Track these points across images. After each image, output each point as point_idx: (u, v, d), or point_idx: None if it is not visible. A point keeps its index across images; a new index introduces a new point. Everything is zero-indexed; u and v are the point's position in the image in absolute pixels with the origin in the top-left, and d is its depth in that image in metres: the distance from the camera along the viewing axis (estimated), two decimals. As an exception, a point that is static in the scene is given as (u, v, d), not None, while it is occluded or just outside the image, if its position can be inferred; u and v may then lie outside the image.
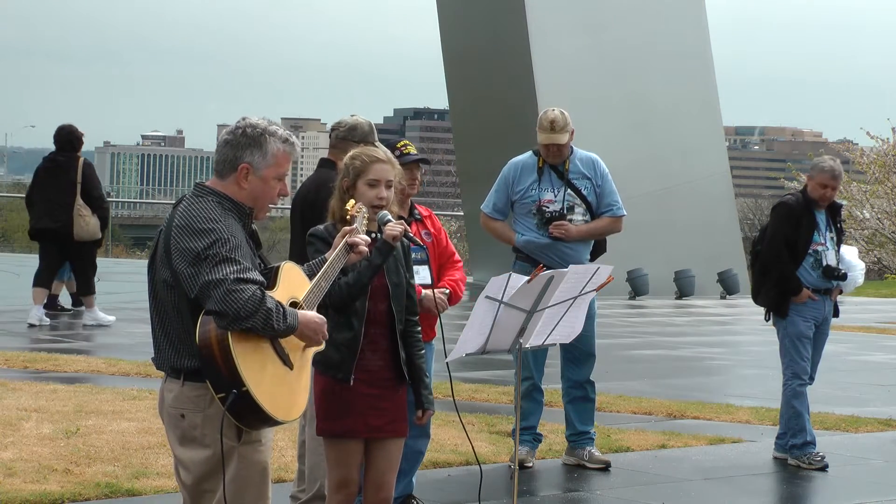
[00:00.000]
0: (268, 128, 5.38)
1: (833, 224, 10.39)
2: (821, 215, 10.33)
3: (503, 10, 26.45)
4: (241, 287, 5.07)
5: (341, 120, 7.97)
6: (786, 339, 10.38)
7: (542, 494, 9.16)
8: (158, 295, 5.30)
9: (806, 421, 10.28)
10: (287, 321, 5.17)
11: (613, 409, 12.09)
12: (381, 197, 6.32)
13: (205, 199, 5.30)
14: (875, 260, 39.11)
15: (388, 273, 6.30)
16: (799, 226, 10.24)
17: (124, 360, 13.59)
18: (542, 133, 9.59)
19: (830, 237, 10.33)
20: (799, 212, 10.27)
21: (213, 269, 5.11)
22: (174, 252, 5.20)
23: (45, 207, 16.55)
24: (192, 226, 5.20)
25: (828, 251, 10.27)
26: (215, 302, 5.07)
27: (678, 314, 23.09)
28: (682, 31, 27.37)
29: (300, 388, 5.32)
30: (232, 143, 5.37)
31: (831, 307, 10.48)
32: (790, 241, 10.25)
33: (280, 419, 5.18)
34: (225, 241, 5.16)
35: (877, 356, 17.76)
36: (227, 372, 5.06)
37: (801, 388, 10.31)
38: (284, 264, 5.42)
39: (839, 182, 10.31)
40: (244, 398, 5.07)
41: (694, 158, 27.18)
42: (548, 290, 6.96)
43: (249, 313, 5.06)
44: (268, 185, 5.38)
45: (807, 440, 10.27)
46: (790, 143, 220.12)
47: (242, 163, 5.34)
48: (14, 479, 8.45)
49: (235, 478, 5.28)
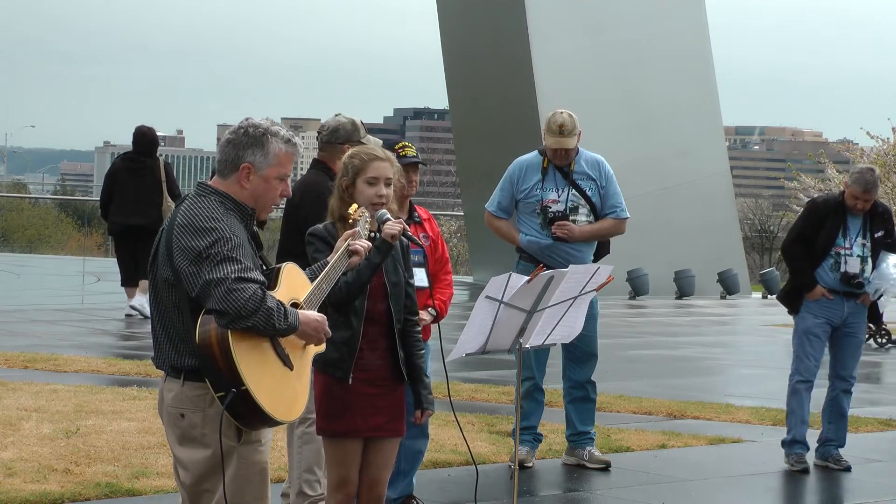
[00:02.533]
0: (270, 128, 5.39)
1: (871, 231, 10.10)
2: (855, 220, 10.08)
3: (503, 11, 26.46)
4: (242, 286, 5.08)
5: (325, 122, 7.94)
6: (795, 335, 10.31)
7: (542, 494, 9.16)
8: (159, 294, 5.30)
9: (798, 420, 10.16)
10: (288, 320, 5.17)
11: (613, 409, 12.09)
12: (381, 195, 6.31)
13: (207, 199, 5.31)
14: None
15: (387, 272, 6.30)
16: (822, 226, 10.06)
17: (124, 360, 13.60)
18: (551, 137, 9.59)
19: (862, 243, 10.06)
20: (824, 212, 10.09)
21: (214, 268, 5.11)
22: (176, 251, 5.20)
23: (135, 206, 17.13)
24: (193, 224, 5.20)
25: (851, 257, 10.04)
26: (216, 301, 5.07)
27: (678, 314, 23.10)
28: (682, 31, 27.39)
29: (300, 388, 5.32)
30: (234, 142, 5.37)
31: (857, 308, 10.19)
32: (809, 239, 10.13)
33: (279, 419, 5.18)
34: (227, 239, 5.16)
35: (877, 356, 17.77)
36: (227, 371, 5.06)
37: (799, 385, 10.22)
38: (286, 265, 5.42)
39: (872, 195, 9.96)
40: (243, 397, 5.07)
41: (694, 158, 27.20)
42: (548, 289, 6.96)
43: (250, 312, 5.06)
44: (269, 185, 5.38)
45: (795, 438, 10.19)
46: (790, 143, 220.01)
47: (244, 162, 5.34)
48: (14, 479, 8.45)
49: (235, 478, 5.28)
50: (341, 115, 7.93)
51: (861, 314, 10.25)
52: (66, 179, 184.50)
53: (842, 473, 10.13)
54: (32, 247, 40.19)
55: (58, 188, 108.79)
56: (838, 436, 10.31)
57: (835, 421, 10.30)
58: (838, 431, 10.30)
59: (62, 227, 44.91)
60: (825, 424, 10.35)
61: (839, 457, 10.24)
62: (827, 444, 10.31)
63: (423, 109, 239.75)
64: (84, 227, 40.08)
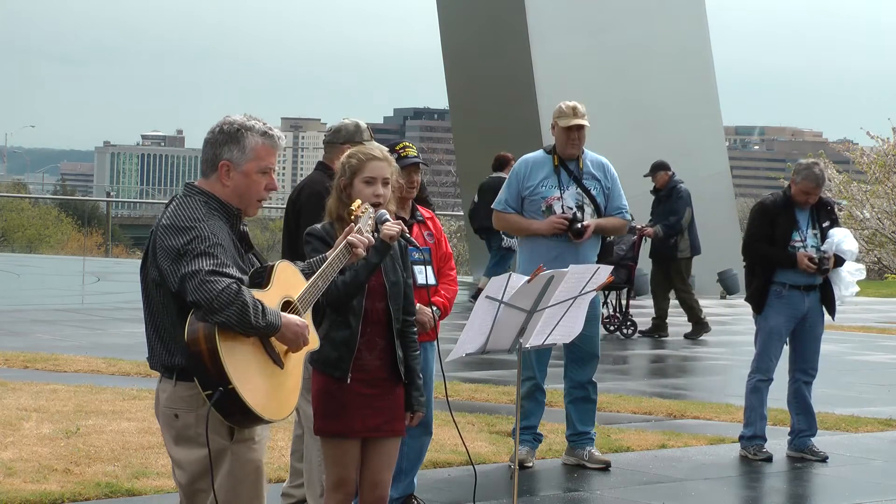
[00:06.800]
0: (245, 123, 5.39)
1: (819, 222, 10.40)
2: (803, 214, 10.38)
3: (503, 10, 26.43)
4: (215, 279, 5.07)
5: (332, 125, 8.11)
6: (760, 333, 10.56)
7: (542, 494, 9.16)
8: (150, 294, 5.32)
9: (758, 416, 10.44)
10: (267, 318, 5.13)
11: (613, 409, 12.09)
12: (378, 194, 6.31)
13: (192, 199, 5.33)
14: (875, 260, 39.07)
15: (386, 272, 6.30)
16: (775, 224, 10.31)
17: (124, 360, 13.59)
18: (565, 119, 9.65)
19: (813, 233, 10.35)
20: (775, 211, 10.35)
21: (190, 262, 5.12)
22: (159, 251, 5.24)
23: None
24: (175, 224, 5.23)
25: (806, 249, 10.28)
26: (190, 292, 5.08)
27: (678, 314, 23.08)
28: (682, 31, 27.35)
29: (291, 387, 5.30)
30: (211, 141, 5.39)
31: (816, 303, 10.46)
32: (767, 240, 10.33)
33: (268, 418, 5.16)
34: (204, 237, 5.17)
35: (877, 356, 17.76)
36: (214, 369, 5.05)
37: (760, 383, 10.48)
38: (279, 263, 5.40)
39: (822, 188, 10.36)
40: (230, 395, 5.05)
41: (694, 158, 27.14)
42: (548, 289, 6.95)
43: (223, 305, 5.03)
44: (250, 180, 5.37)
45: (755, 433, 10.44)
46: (790, 143, 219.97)
47: (222, 160, 5.35)
48: (14, 479, 8.45)
49: (229, 476, 5.28)
50: (347, 119, 8.01)
51: (816, 307, 10.49)
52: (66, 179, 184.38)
53: (842, 473, 10.14)
54: (32, 247, 40.21)
55: (58, 188, 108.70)
56: (810, 425, 10.56)
57: (802, 412, 10.55)
58: (809, 421, 10.55)
59: (62, 227, 44.95)
60: (794, 416, 10.59)
61: (815, 447, 10.49)
62: (800, 435, 10.56)
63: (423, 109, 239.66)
64: (84, 227, 40.10)
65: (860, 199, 39.12)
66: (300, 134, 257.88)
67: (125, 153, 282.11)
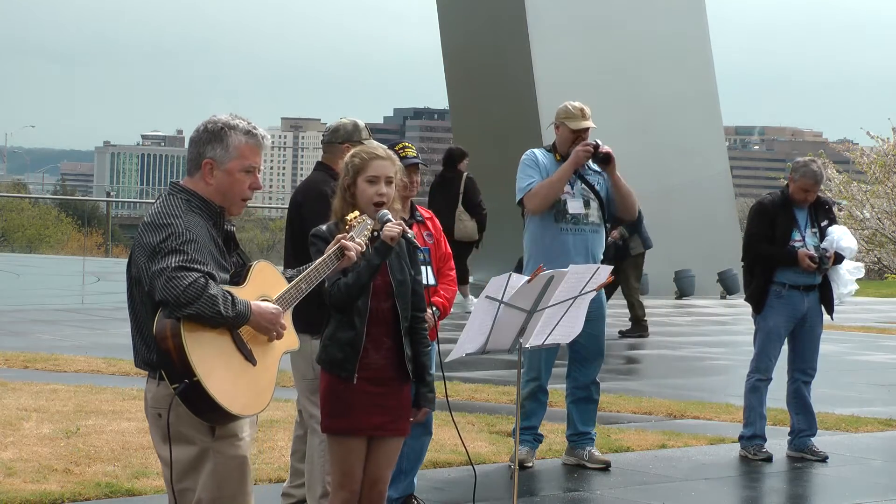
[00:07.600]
0: (229, 121, 5.40)
1: (817, 221, 10.42)
2: (802, 213, 10.40)
3: (503, 10, 26.44)
4: (182, 274, 5.07)
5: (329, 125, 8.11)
6: (759, 332, 10.57)
7: (542, 494, 9.16)
8: (131, 292, 5.35)
9: (758, 416, 10.45)
10: (237, 308, 5.13)
11: (613, 409, 12.09)
12: (381, 193, 6.30)
13: (174, 197, 5.34)
14: (875, 260, 39.09)
15: (392, 271, 6.29)
16: (774, 224, 10.33)
17: (124, 360, 13.58)
18: (574, 121, 9.67)
19: (812, 232, 10.38)
20: (774, 210, 10.37)
21: (160, 260, 5.13)
22: (137, 247, 5.27)
23: None
24: (154, 222, 5.24)
25: (806, 247, 10.30)
26: (159, 290, 5.09)
27: (678, 314, 23.09)
28: (682, 30, 27.36)
29: (264, 383, 5.28)
30: (195, 140, 5.41)
31: (815, 303, 10.48)
32: (768, 239, 10.35)
33: (236, 413, 5.14)
34: (178, 235, 5.18)
35: (877, 356, 17.76)
36: (179, 362, 5.05)
37: (759, 383, 10.50)
38: (257, 263, 5.40)
39: (821, 185, 10.40)
40: (195, 388, 5.05)
41: (694, 158, 27.17)
42: (548, 289, 6.95)
43: (191, 299, 5.04)
44: (234, 179, 5.37)
45: (755, 433, 10.44)
46: (790, 143, 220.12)
47: (205, 158, 5.36)
48: (14, 479, 8.45)
49: (213, 473, 5.28)
50: (345, 118, 8.01)
51: (816, 308, 10.50)
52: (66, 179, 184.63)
53: (842, 473, 10.14)
54: (32, 247, 40.25)
55: (58, 188, 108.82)
56: (810, 425, 10.57)
57: (802, 412, 10.57)
58: (809, 421, 10.57)
59: (62, 227, 44.98)
60: (794, 416, 10.61)
61: (815, 447, 10.50)
62: (800, 434, 10.57)
63: (423, 109, 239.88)
64: (84, 226, 40.11)
65: (860, 199, 39.14)
66: (300, 134, 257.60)
67: (125, 153, 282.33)
